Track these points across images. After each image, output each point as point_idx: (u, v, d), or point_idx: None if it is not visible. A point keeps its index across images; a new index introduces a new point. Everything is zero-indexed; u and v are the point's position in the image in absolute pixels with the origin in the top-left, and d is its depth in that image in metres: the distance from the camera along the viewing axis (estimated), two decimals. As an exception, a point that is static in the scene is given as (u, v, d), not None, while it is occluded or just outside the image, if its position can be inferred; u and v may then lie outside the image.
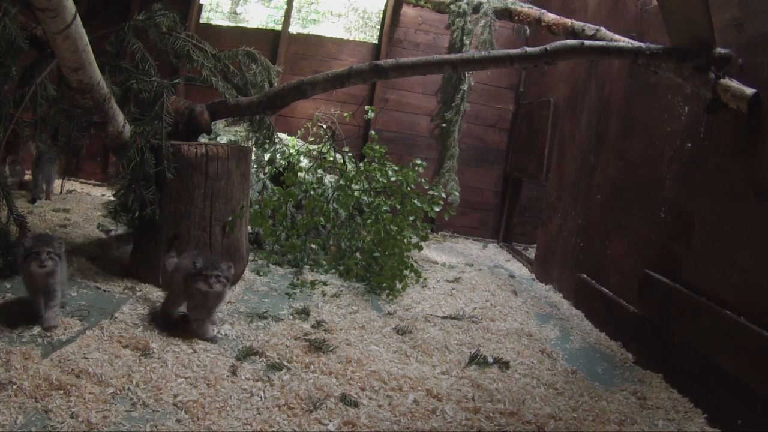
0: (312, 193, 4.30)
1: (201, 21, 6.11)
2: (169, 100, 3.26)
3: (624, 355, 3.09)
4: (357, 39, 6.72)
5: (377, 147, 4.44)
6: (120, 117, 3.01)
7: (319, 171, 4.69)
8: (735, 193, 2.56)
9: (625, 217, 3.46)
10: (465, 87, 5.20)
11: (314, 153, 4.86)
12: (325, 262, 4.11)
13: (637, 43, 2.93)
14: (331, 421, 2.06)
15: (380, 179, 4.30)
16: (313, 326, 2.93)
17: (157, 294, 3.04)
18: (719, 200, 2.66)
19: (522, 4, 4.78)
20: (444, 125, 5.34)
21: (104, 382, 2.10)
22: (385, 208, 4.19)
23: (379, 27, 6.30)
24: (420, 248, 4.03)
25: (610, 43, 3.00)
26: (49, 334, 2.40)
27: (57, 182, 5.17)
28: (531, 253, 5.51)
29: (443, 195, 4.39)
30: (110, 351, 2.33)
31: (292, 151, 4.83)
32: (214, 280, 2.53)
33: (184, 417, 1.97)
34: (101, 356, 2.27)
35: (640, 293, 3.14)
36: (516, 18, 4.74)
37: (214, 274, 2.53)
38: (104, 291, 3.01)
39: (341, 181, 4.31)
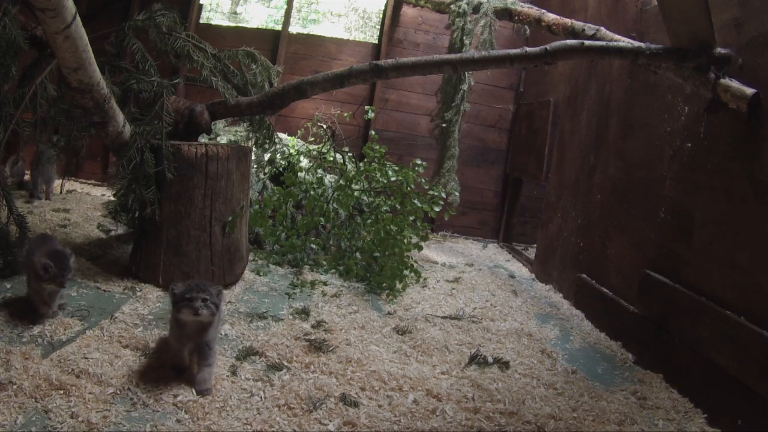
0: (312, 193, 4.30)
1: (201, 21, 6.11)
2: (169, 100, 3.26)
3: (624, 355, 3.09)
4: (357, 39, 6.71)
5: (377, 147, 4.44)
6: (120, 117, 3.01)
7: (319, 171, 4.69)
8: (735, 193, 2.56)
9: (625, 217, 3.46)
10: (465, 87, 5.20)
11: (314, 153, 4.86)
12: (325, 262, 4.11)
13: (637, 43, 2.93)
14: (331, 421, 2.06)
15: (380, 179, 4.30)
16: (313, 326, 2.93)
17: (157, 294, 3.04)
18: (719, 200, 2.66)
19: (522, 4, 4.77)
20: (444, 125, 5.33)
21: (104, 382, 2.10)
22: (385, 208, 4.19)
23: (379, 27, 6.30)
24: (420, 248, 4.03)
25: (610, 43, 3.00)
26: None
27: (57, 182, 5.17)
28: (531, 253, 5.51)
29: (443, 195, 4.39)
30: (110, 351, 2.33)
31: (292, 151, 4.83)
32: (200, 305, 2.08)
33: (184, 417, 1.97)
34: (101, 356, 2.27)
35: (640, 293, 3.14)
36: (516, 18, 4.74)
37: (200, 297, 2.09)
38: (104, 291, 3.01)
39: (341, 181, 4.31)
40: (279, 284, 3.59)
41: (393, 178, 4.26)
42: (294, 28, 6.22)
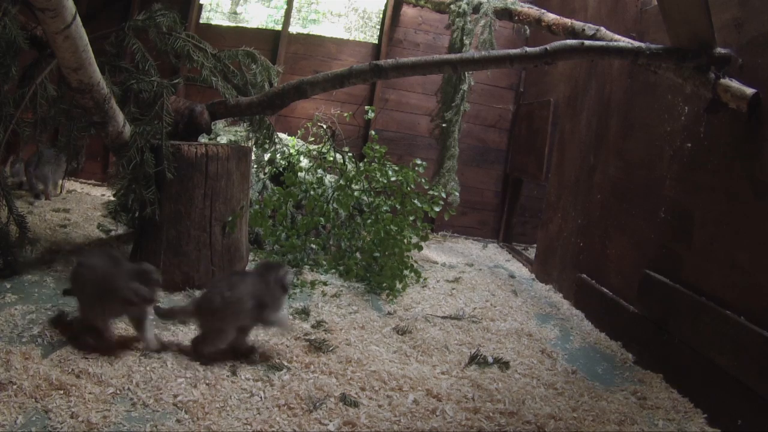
0: (312, 193, 4.30)
1: (201, 21, 6.11)
2: (169, 100, 3.26)
3: (624, 355, 3.09)
4: (357, 39, 6.72)
5: (377, 147, 4.44)
6: (120, 117, 3.01)
7: (319, 171, 4.69)
8: (735, 193, 2.56)
9: (625, 217, 3.46)
10: (465, 87, 5.20)
11: (314, 153, 4.86)
12: (325, 262, 4.11)
13: (637, 43, 2.93)
14: (331, 421, 2.06)
15: (380, 179, 4.30)
16: (313, 326, 2.93)
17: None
18: (719, 200, 2.66)
19: (522, 4, 4.77)
20: (444, 125, 5.33)
21: (104, 382, 2.10)
22: (385, 208, 4.18)
23: (379, 27, 6.30)
24: (420, 248, 4.03)
25: (610, 43, 3.00)
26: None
27: (61, 183, 5.20)
28: (531, 253, 5.51)
29: (443, 195, 4.39)
30: (110, 351, 2.33)
31: (292, 151, 4.83)
32: None
33: (184, 417, 1.97)
34: (101, 356, 2.27)
35: (640, 293, 3.14)
36: (516, 18, 4.73)
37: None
38: (104, 291, 3.00)
39: (341, 181, 4.31)
40: (279, 284, 3.59)
41: (393, 178, 4.26)
42: (294, 28, 6.22)
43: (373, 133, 5.31)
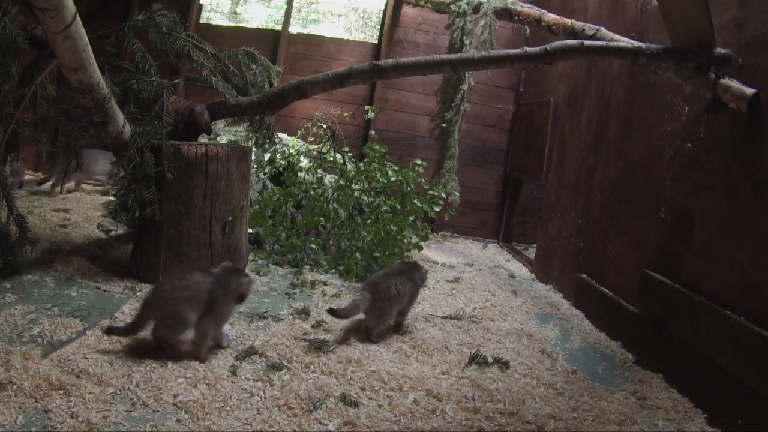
0: (312, 193, 4.30)
1: (201, 21, 6.11)
2: (169, 100, 3.26)
3: (624, 355, 3.09)
4: (357, 39, 6.72)
5: (377, 147, 4.44)
6: (120, 117, 3.01)
7: (319, 171, 4.69)
8: (735, 193, 2.56)
9: (625, 217, 3.46)
10: (465, 87, 5.19)
11: (314, 153, 4.86)
12: (325, 262, 4.11)
13: (637, 43, 2.93)
14: (331, 421, 2.06)
15: (380, 179, 4.30)
16: (313, 326, 2.93)
17: (157, 294, 3.04)
18: (719, 200, 2.66)
19: (522, 4, 4.77)
20: (444, 125, 5.33)
21: (104, 382, 2.10)
22: (385, 208, 4.19)
23: (379, 27, 6.30)
24: (420, 248, 4.04)
25: (610, 43, 3.00)
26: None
27: (70, 184, 5.26)
28: (531, 253, 5.51)
29: (443, 195, 4.39)
30: (110, 351, 2.34)
31: (292, 151, 4.83)
32: None
33: (184, 417, 1.97)
34: (101, 356, 2.27)
35: (640, 293, 3.14)
36: (516, 18, 4.74)
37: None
38: (104, 291, 3.01)
39: (341, 181, 4.31)
40: (279, 284, 3.59)
41: (393, 178, 4.26)
42: (294, 28, 6.23)
43: (373, 133, 5.31)
